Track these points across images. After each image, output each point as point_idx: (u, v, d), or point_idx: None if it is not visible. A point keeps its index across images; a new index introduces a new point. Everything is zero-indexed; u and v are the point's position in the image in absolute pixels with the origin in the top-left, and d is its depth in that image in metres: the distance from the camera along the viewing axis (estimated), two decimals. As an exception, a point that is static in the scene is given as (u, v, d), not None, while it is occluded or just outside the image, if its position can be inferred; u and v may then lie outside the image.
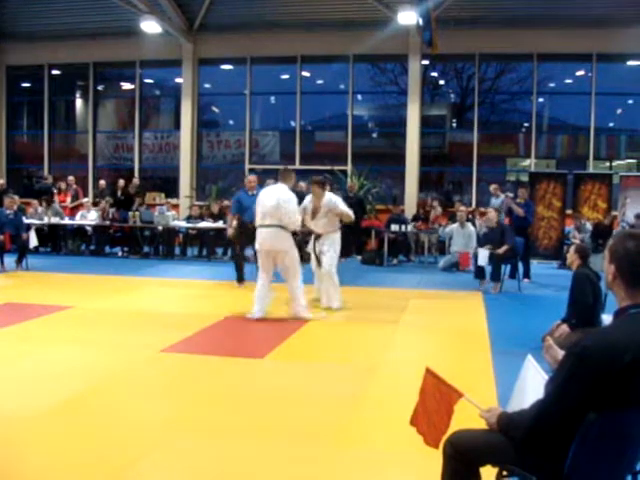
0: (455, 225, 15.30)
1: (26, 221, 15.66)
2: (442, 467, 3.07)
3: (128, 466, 4.30)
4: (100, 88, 23.01)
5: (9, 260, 13.91)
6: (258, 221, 9.15)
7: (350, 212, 10.29)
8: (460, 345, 7.88)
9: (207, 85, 21.93)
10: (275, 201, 8.99)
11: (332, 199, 10.26)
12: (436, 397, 3.31)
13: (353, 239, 17.28)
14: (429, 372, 3.38)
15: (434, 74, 21.34)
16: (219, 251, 17.08)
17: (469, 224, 15.29)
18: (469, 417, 3.20)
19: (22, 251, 14.00)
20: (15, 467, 4.23)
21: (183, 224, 17.23)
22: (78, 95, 24.10)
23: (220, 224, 16.49)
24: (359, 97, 21.13)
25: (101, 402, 5.60)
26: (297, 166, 20.45)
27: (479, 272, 12.21)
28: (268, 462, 4.39)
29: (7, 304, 10.04)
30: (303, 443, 4.71)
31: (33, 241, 15.02)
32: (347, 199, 17.28)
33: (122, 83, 23.47)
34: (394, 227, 15.98)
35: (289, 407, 5.51)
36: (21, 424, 5.00)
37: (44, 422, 5.07)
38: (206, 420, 5.20)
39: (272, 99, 22.51)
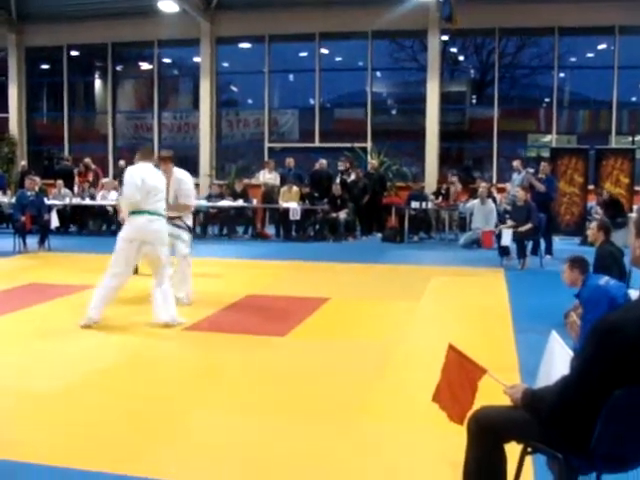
0: (476, 201, 15.20)
1: (47, 202, 15.73)
2: (467, 443, 3.06)
3: (147, 441, 4.34)
4: (119, 68, 23.06)
5: (32, 241, 14.01)
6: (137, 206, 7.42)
7: (190, 203, 8.50)
8: (482, 322, 7.85)
9: (225, 64, 21.89)
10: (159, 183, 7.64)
11: (182, 179, 8.70)
12: (460, 374, 3.31)
13: (374, 216, 17.29)
14: (452, 349, 3.38)
15: (453, 50, 21.16)
16: (239, 230, 17.12)
17: (489, 200, 15.17)
18: (493, 394, 3.19)
19: (44, 232, 14.10)
20: (33, 442, 4.29)
21: (203, 203, 17.24)
22: (97, 76, 24.14)
23: (241, 202, 16.57)
24: (378, 74, 21.01)
25: (123, 381, 5.66)
26: (317, 144, 20.44)
27: (503, 250, 12.18)
28: (289, 439, 4.40)
29: (31, 284, 10.13)
30: (324, 420, 4.72)
31: (54, 222, 15.10)
32: (368, 176, 17.34)
33: (140, 63, 23.54)
34: (414, 204, 15.92)
35: (311, 384, 5.54)
36: (46, 400, 5.06)
37: (65, 399, 5.14)
38: (228, 397, 5.23)
39: (290, 77, 22.43)
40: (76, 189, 18.38)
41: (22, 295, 9.29)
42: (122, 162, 19.66)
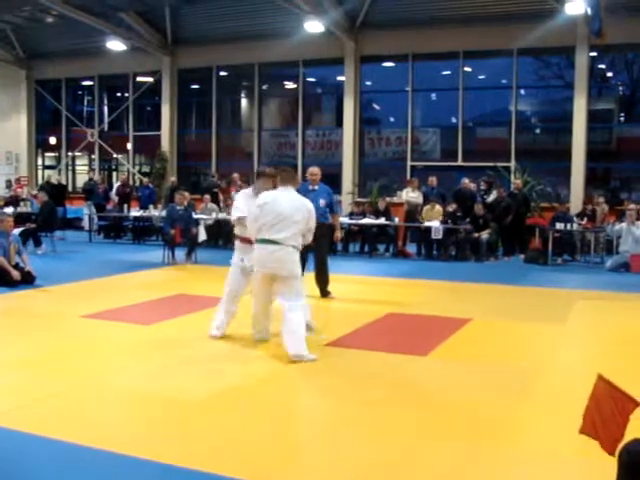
0: (624, 224, 14.71)
1: (195, 216, 16.31)
2: (617, 476, 2.99)
3: (287, 456, 4.46)
4: (264, 87, 23.66)
5: (180, 253, 14.57)
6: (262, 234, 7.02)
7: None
8: (632, 350, 7.55)
9: (368, 82, 22.08)
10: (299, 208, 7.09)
11: None
12: (609, 405, 3.21)
13: (517, 237, 16.95)
14: (601, 379, 3.29)
15: (602, 66, 20.55)
16: (381, 247, 17.20)
17: (639, 223, 14.67)
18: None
19: (192, 245, 14.62)
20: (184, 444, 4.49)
21: (345, 220, 17.44)
22: (243, 95, 24.99)
23: (383, 220, 16.66)
24: (522, 92, 20.66)
25: (266, 392, 5.82)
26: (459, 162, 20.30)
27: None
28: (426, 460, 4.41)
29: (179, 295, 10.56)
30: (463, 442, 4.70)
31: (202, 235, 15.65)
32: (512, 196, 17.05)
33: (285, 82, 24.07)
34: (559, 225, 15.55)
35: (451, 406, 5.50)
36: (189, 407, 5.32)
37: (211, 406, 5.39)
38: (368, 415, 5.26)
39: (433, 95, 22.39)
40: (221, 204, 18.97)
41: (170, 305, 9.72)
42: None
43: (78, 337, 7.68)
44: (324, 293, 10.47)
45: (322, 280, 10.48)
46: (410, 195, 17.76)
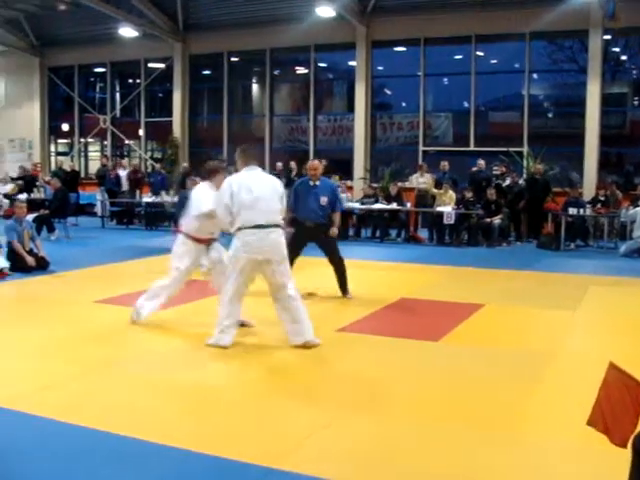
0: (638, 208, 14.63)
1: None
2: (631, 465, 2.97)
3: (300, 441, 4.47)
4: (276, 73, 23.63)
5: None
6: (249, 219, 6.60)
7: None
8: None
9: (380, 67, 21.99)
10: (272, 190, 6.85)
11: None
12: (622, 393, 3.17)
13: (533, 222, 16.79)
14: (613, 367, 3.25)
15: (616, 49, 20.37)
16: (393, 233, 17.19)
17: (654, 207, 14.61)
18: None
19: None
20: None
21: (357, 205, 17.44)
22: (255, 80, 24.95)
23: (394, 205, 16.63)
24: (535, 76, 20.52)
25: (279, 379, 5.87)
26: (471, 147, 20.21)
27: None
28: (436, 443, 4.43)
29: (191, 280, 10.45)
30: (475, 428, 4.71)
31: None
32: (533, 181, 16.81)
33: (297, 67, 24.01)
34: (572, 210, 15.47)
35: (463, 391, 5.51)
36: (205, 393, 5.36)
37: (228, 392, 5.41)
38: (379, 401, 5.27)
39: (445, 80, 22.27)
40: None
41: (183, 290, 9.63)
42: (280, 164, 20.14)
43: (92, 322, 7.71)
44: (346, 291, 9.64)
45: (343, 282, 9.57)
46: (420, 180, 17.73)
